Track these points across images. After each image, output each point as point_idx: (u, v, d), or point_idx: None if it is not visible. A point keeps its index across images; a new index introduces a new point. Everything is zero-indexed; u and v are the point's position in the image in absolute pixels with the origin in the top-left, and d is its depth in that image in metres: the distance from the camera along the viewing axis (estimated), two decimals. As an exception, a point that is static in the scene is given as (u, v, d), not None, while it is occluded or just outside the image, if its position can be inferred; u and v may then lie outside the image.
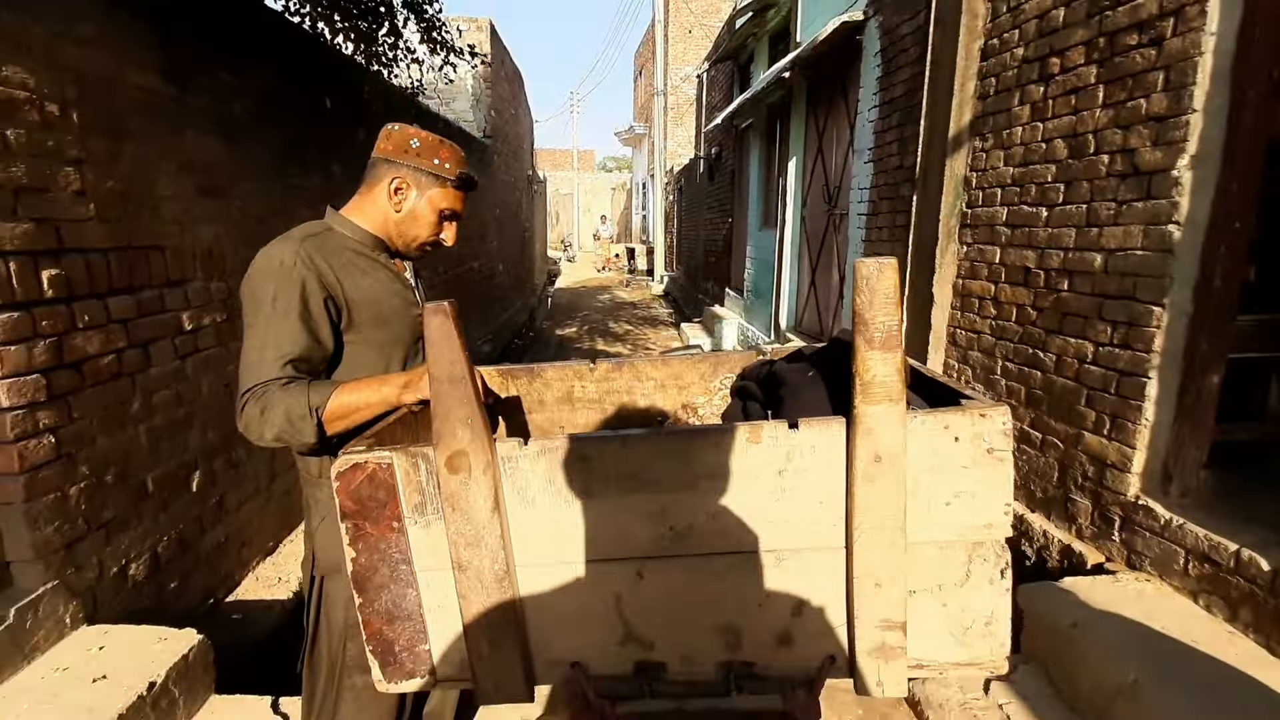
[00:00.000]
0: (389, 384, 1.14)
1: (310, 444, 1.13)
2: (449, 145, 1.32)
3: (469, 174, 1.33)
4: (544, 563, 0.84)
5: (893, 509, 0.76)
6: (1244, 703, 1.58)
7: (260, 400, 1.11)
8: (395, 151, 1.27)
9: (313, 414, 1.10)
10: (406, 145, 1.27)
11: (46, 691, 1.61)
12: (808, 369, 0.96)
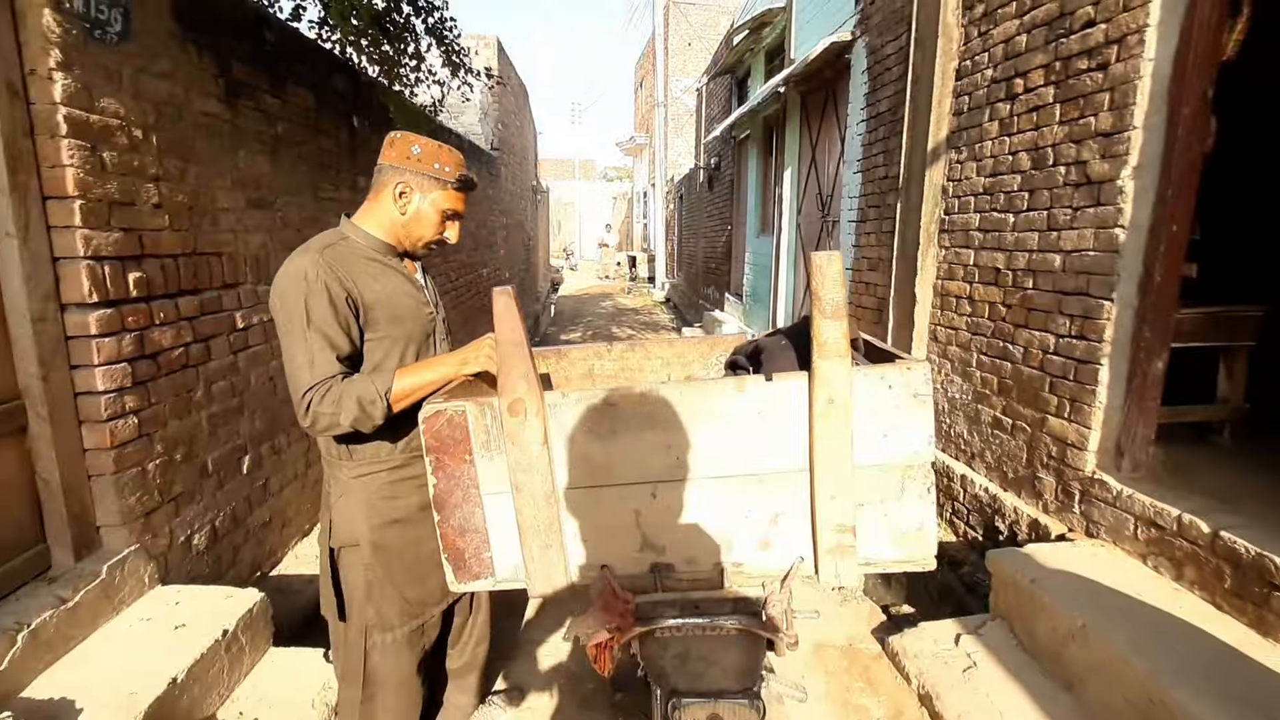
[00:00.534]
0: (445, 363, 1.39)
1: (378, 424, 1.33)
2: (448, 149, 1.46)
3: (468, 175, 1.48)
4: (580, 486, 1.10)
5: (843, 440, 1.02)
6: (1178, 645, 1.82)
7: (328, 394, 1.28)
8: (398, 158, 1.42)
9: (382, 398, 1.31)
10: (409, 152, 1.41)
11: (136, 636, 1.87)
12: (782, 339, 1.23)
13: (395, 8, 3.45)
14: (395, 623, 1.51)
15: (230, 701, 1.92)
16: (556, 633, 2.50)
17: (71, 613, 1.78)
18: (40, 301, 1.79)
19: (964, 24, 3.17)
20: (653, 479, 1.05)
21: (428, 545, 1.45)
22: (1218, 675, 1.67)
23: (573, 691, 2.18)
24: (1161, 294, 2.24)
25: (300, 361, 1.31)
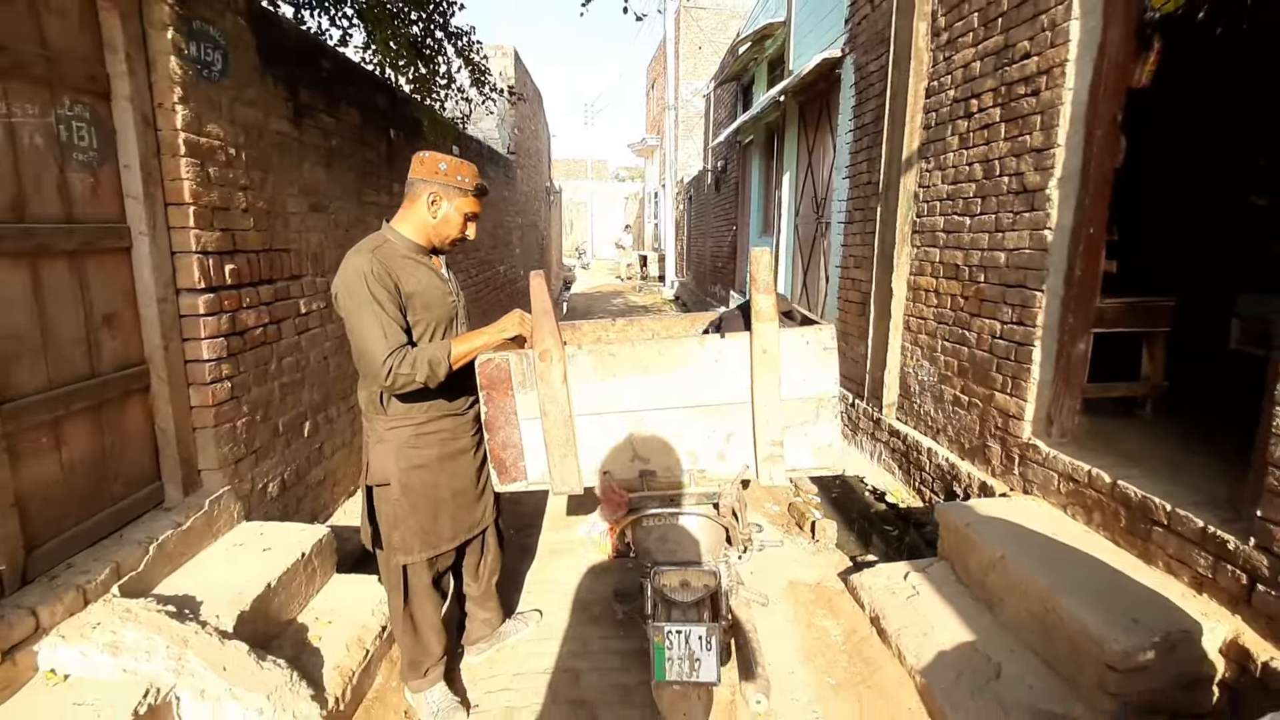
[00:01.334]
0: (488, 332, 1.82)
1: (441, 381, 1.74)
2: (467, 164, 1.86)
3: (483, 184, 1.88)
4: (589, 414, 1.54)
5: (773, 380, 1.45)
6: (1075, 570, 2.22)
7: (405, 359, 1.68)
8: (428, 173, 1.81)
9: (446, 360, 1.74)
10: (437, 168, 1.81)
11: (233, 556, 2.33)
12: (735, 312, 1.66)
13: (430, 33, 3.92)
14: (415, 548, 1.93)
15: (307, 609, 2.38)
16: (567, 572, 2.95)
17: (184, 534, 2.25)
18: (163, 287, 2.26)
19: (933, 48, 3.58)
20: (641, 408, 1.48)
21: (443, 489, 1.89)
22: (1101, 590, 2.07)
23: (581, 613, 2.63)
24: (1082, 286, 2.65)
25: (374, 336, 1.71)
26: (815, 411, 1.46)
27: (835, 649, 2.41)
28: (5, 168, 1.76)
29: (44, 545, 1.87)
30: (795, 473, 1.54)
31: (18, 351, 1.79)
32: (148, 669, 1.74)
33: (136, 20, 2.12)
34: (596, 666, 2.32)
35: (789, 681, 2.22)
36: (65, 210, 1.95)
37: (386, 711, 2.16)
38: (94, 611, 1.83)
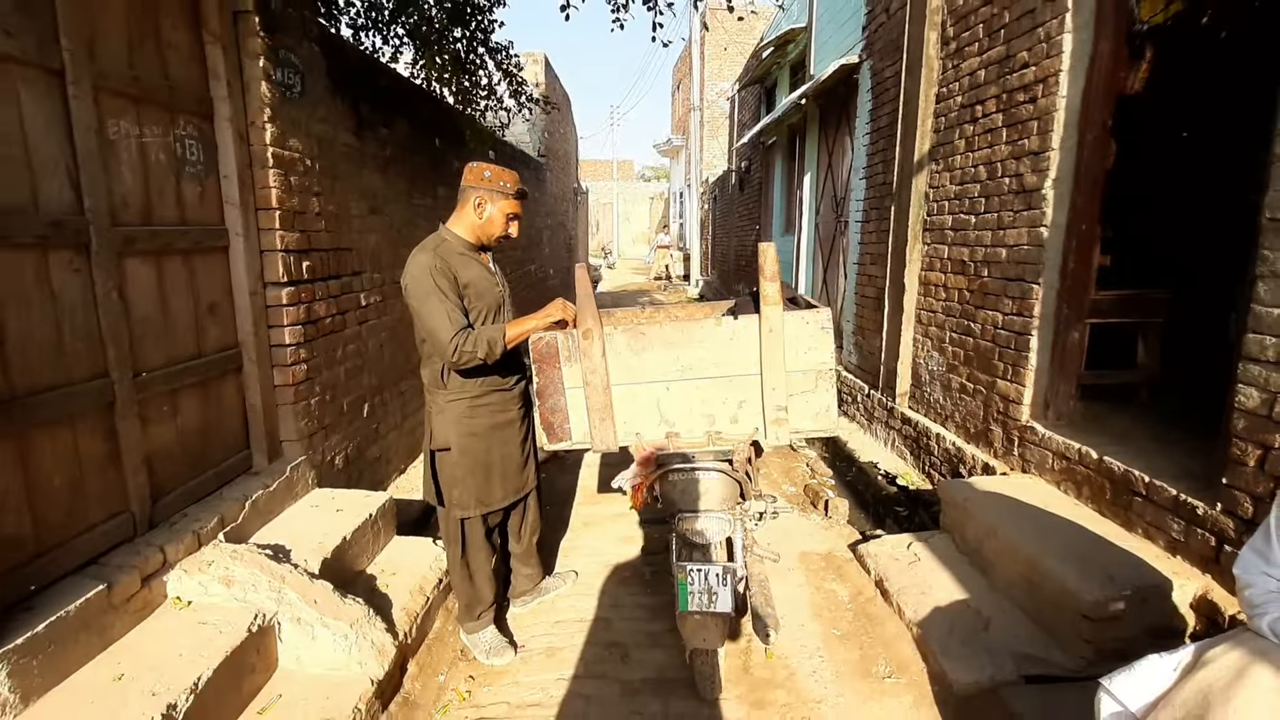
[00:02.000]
0: (535, 317, 2.12)
1: (496, 358, 2.07)
2: (508, 171, 2.18)
3: (522, 188, 2.18)
4: (623, 383, 1.83)
5: (779, 355, 1.72)
6: (1062, 536, 2.44)
7: (468, 338, 2.00)
8: (476, 180, 2.13)
9: (501, 340, 2.07)
10: (482, 176, 2.13)
11: (311, 515, 2.67)
12: (747, 298, 1.93)
13: (473, 49, 4.25)
14: (471, 505, 2.25)
15: (374, 564, 2.72)
16: (599, 540, 3.25)
17: (271, 495, 2.60)
18: (254, 280, 2.61)
19: (942, 57, 3.80)
20: (667, 379, 1.76)
21: (493, 454, 2.20)
22: (1083, 553, 2.30)
23: (612, 574, 2.92)
24: (1076, 279, 2.86)
25: (440, 320, 2.03)
26: (815, 381, 1.73)
27: (842, 607, 2.67)
28: (139, 180, 2.12)
29: (165, 497, 2.23)
30: (798, 434, 1.81)
31: (147, 333, 2.15)
32: (254, 599, 2.08)
33: (235, 51, 2.48)
34: (627, 617, 2.61)
35: (799, 633, 2.49)
36: (180, 215, 2.31)
37: (445, 650, 2.48)
38: (207, 552, 2.18)
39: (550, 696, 2.19)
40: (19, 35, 1.70)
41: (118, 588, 1.87)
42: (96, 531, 1.96)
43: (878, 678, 2.24)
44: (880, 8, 4.69)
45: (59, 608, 1.70)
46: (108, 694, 1.66)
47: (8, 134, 1.69)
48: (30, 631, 1.61)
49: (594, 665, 2.33)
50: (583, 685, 2.24)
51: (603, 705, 2.14)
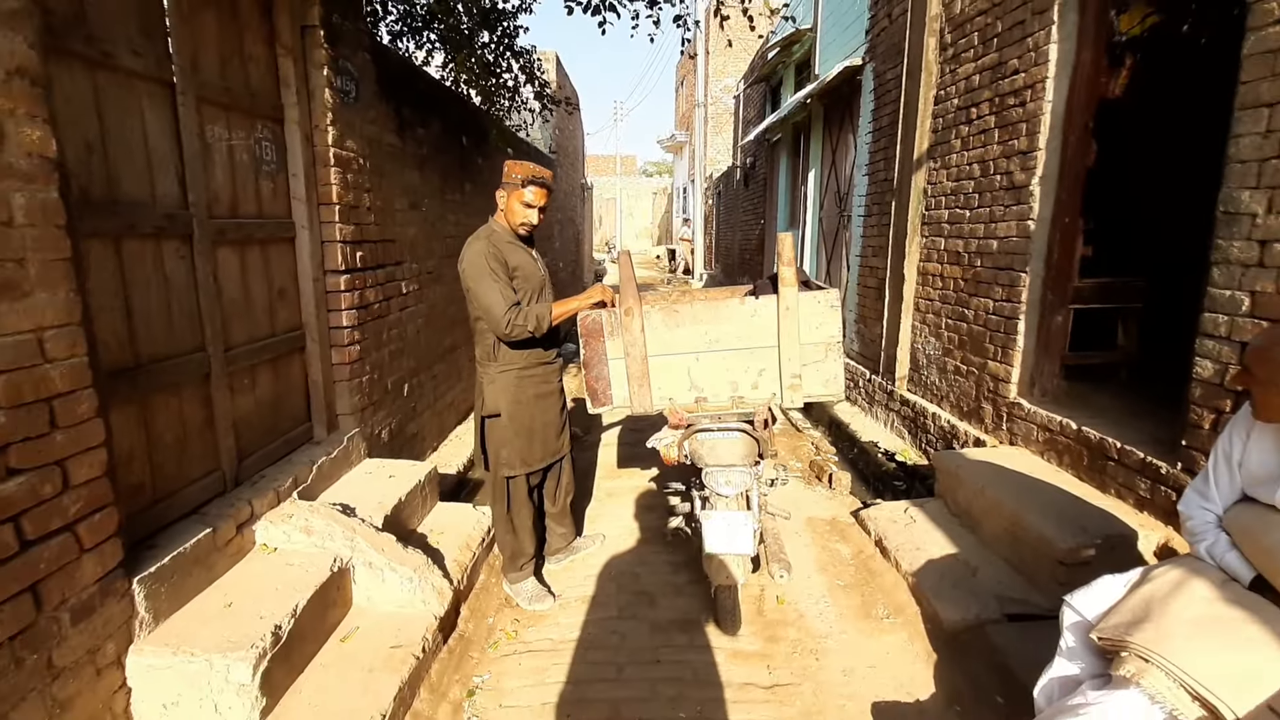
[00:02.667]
0: (578, 300, 2.41)
1: (543, 332, 2.37)
2: (520, 163, 2.45)
3: (534, 176, 2.42)
4: (659, 355, 2.11)
5: (794, 329, 2.01)
6: (1042, 496, 2.72)
7: (519, 314, 2.29)
8: (503, 178, 2.44)
9: (548, 315, 2.36)
10: (506, 172, 2.45)
11: (367, 481, 2.96)
12: (766, 281, 2.22)
13: (500, 54, 4.52)
14: (516, 464, 2.55)
15: (423, 524, 3.01)
16: (622, 509, 3.54)
17: (333, 461, 2.89)
18: (316, 268, 2.90)
19: (940, 62, 4.06)
20: (696, 351, 2.04)
21: (536, 421, 2.49)
22: (1061, 510, 2.58)
23: (637, 536, 3.22)
24: (1060, 268, 3.14)
25: (495, 298, 2.33)
26: (824, 353, 2.01)
27: (844, 563, 2.96)
28: (228, 178, 2.40)
29: (248, 459, 2.52)
30: (810, 398, 2.10)
31: (233, 313, 2.43)
32: (331, 546, 2.37)
33: (302, 62, 2.75)
34: (653, 571, 2.90)
35: (806, 584, 2.78)
36: (258, 209, 2.59)
37: (490, 598, 2.77)
38: (286, 507, 2.47)
39: (588, 634, 2.49)
40: (144, 55, 1.98)
41: (219, 532, 2.16)
42: (197, 485, 2.25)
43: (877, 618, 2.54)
44: (883, 13, 4.95)
45: (176, 546, 1.99)
46: (223, 616, 1.96)
47: (134, 138, 1.97)
48: (158, 563, 1.90)
49: (625, 609, 2.63)
50: (616, 625, 2.53)
51: (634, 640, 2.43)
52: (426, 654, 2.23)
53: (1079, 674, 1.65)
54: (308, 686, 2.00)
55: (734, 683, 2.19)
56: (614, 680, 2.23)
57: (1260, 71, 2.02)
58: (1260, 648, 1.37)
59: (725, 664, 2.28)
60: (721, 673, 2.24)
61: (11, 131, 1.46)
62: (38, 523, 1.53)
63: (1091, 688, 1.57)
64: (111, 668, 1.75)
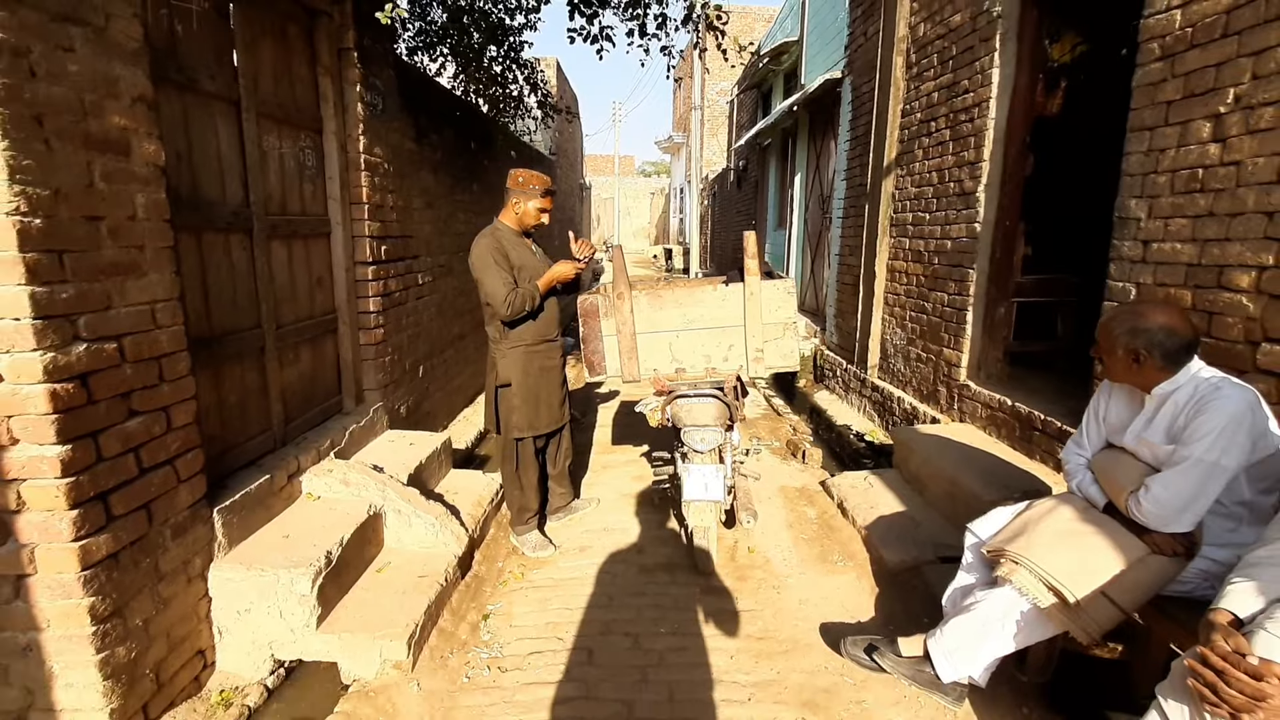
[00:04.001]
0: (549, 275, 2.79)
1: (536, 306, 2.80)
2: (537, 175, 2.88)
3: (549, 187, 2.87)
4: (645, 332, 2.53)
5: (758, 311, 2.42)
6: (978, 462, 3.15)
7: (515, 296, 2.70)
8: (514, 185, 2.84)
9: (536, 293, 2.78)
10: (518, 181, 2.85)
11: (391, 448, 3.37)
12: (736, 272, 2.64)
13: (507, 67, 4.93)
14: (525, 428, 2.96)
15: (440, 486, 3.42)
16: (614, 479, 3.95)
17: (361, 429, 3.29)
18: (348, 260, 3.30)
19: (906, 79, 4.49)
20: (676, 329, 2.45)
21: (541, 391, 2.90)
22: (992, 472, 3.00)
23: (627, 500, 3.63)
24: (1001, 265, 3.56)
25: (497, 285, 2.74)
26: (782, 331, 2.43)
27: (810, 522, 3.38)
28: (279, 181, 2.81)
29: (292, 423, 2.92)
30: (771, 369, 2.52)
31: (282, 297, 2.84)
32: (366, 495, 2.78)
33: (339, 80, 3.16)
34: (642, 527, 3.32)
35: (774, 538, 3.20)
36: (301, 208, 3.00)
37: (499, 548, 3.18)
38: (325, 463, 2.88)
39: (584, 574, 2.90)
40: (217, 78, 2.39)
41: (274, 480, 2.57)
42: (255, 441, 2.66)
43: (832, 563, 2.96)
44: (860, 31, 5.38)
45: (243, 488, 2.40)
46: (282, 545, 2.37)
47: (210, 148, 2.38)
48: (230, 499, 2.31)
49: (616, 556, 3.04)
50: (608, 567, 2.95)
51: (624, 578, 2.85)
52: (448, 584, 2.64)
53: (974, 582, 2.07)
54: (351, 602, 2.41)
55: (707, 609, 2.61)
56: (606, 607, 2.65)
57: (1144, 100, 2.45)
58: (1100, 552, 1.79)
59: (701, 596, 2.70)
60: (697, 602, 2.66)
61: (135, 146, 1.87)
62: (150, 455, 1.94)
63: (979, 588, 2.00)
64: (198, 579, 2.16)
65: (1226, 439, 1.66)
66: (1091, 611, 1.75)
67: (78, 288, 1.68)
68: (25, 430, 1.62)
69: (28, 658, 1.75)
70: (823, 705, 2.10)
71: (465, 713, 2.11)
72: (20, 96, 1.52)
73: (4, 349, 1.57)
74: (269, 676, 2.26)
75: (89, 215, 1.72)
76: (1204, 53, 2.18)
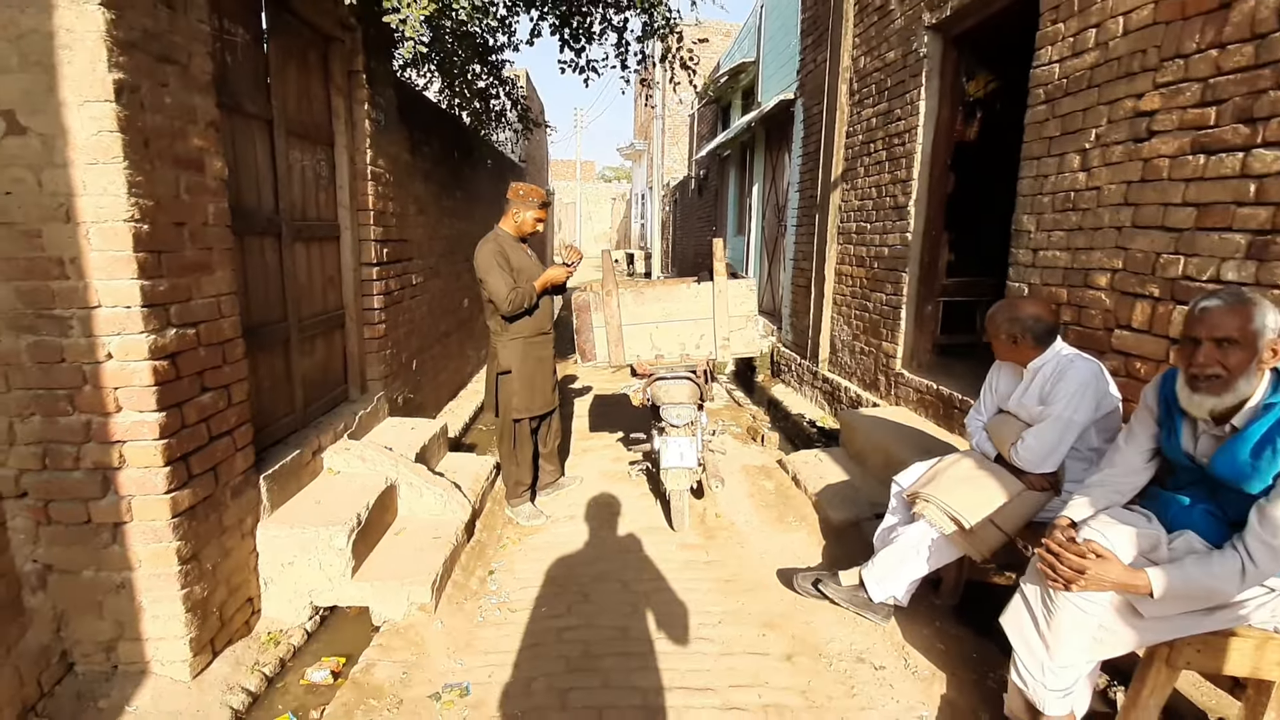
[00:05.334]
0: (544, 277, 3.23)
1: (533, 303, 3.22)
2: (535, 189, 3.32)
3: (545, 199, 3.31)
4: (629, 324, 2.99)
5: (725, 306, 2.91)
6: (907, 437, 3.69)
7: (516, 294, 3.12)
8: (514, 196, 3.28)
9: (533, 292, 3.20)
10: (518, 193, 3.28)
11: (395, 431, 3.72)
12: (706, 273, 3.11)
13: (492, 85, 5.32)
14: (522, 410, 3.37)
15: (440, 466, 3.79)
16: (595, 460, 4.38)
17: (368, 415, 3.64)
18: (355, 261, 3.65)
19: (850, 104, 5.06)
20: (656, 321, 2.91)
21: (535, 379, 3.32)
22: (917, 444, 3.55)
23: (608, 478, 4.06)
24: (929, 269, 4.14)
25: (500, 285, 3.16)
26: (745, 322, 2.91)
27: (769, 493, 3.88)
28: (300, 191, 3.15)
29: (310, 407, 3.26)
30: (736, 355, 3.01)
31: (303, 294, 3.17)
32: (381, 469, 3.14)
33: (349, 99, 3.51)
34: (622, 498, 3.75)
35: (738, 506, 3.67)
36: (318, 214, 3.34)
37: (497, 519, 3.57)
38: (342, 443, 3.22)
39: (575, 538, 3.32)
40: (256, 101, 2.73)
41: (303, 455, 2.91)
42: (282, 422, 2.99)
43: (787, 523, 3.46)
44: (810, 58, 5.96)
45: (280, 460, 2.74)
46: (316, 509, 2.72)
47: (250, 162, 2.72)
48: (272, 468, 2.65)
49: (602, 522, 3.47)
50: (595, 531, 3.37)
51: (610, 539, 3.28)
52: (458, 544, 3.03)
53: (897, 521, 2.59)
54: (377, 557, 2.78)
55: (681, 560, 3.07)
56: (595, 561, 3.07)
57: (1033, 135, 3.02)
58: (989, 489, 2.31)
59: (676, 550, 3.16)
60: (673, 553, 3.11)
61: (208, 163, 2.22)
62: (216, 425, 2.29)
63: (901, 525, 2.51)
64: (249, 536, 2.50)
65: (1078, 400, 2.20)
66: (982, 535, 2.27)
67: (170, 282, 2.03)
68: (129, 399, 1.96)
69: (120, 594, 2.08)
70: (779, 625, 2.57)
71: (484, 642, 2.51)
72: (134, 125, 1.87)
73: (116, 331, 1.91)
74: (308, 621, 2.61)
75: (177, 221, 2.07)
76: (1075, 100, 2.76)
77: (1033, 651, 1.81)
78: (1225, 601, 1.65)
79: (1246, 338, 1.53)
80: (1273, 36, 1.94)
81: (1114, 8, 2.53)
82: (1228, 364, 1.56)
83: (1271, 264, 1.95)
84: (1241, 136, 2.03)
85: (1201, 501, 1.79)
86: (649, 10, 3.74)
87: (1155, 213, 2.35)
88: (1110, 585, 1.68)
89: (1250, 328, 1.53)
